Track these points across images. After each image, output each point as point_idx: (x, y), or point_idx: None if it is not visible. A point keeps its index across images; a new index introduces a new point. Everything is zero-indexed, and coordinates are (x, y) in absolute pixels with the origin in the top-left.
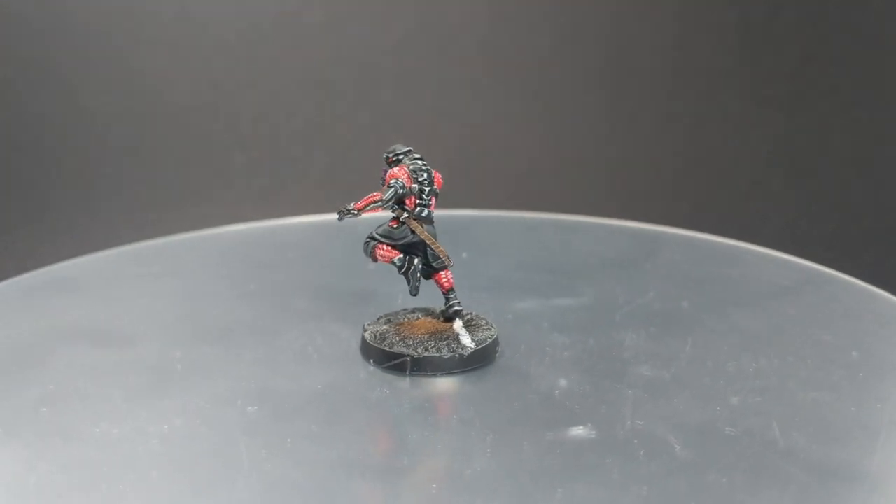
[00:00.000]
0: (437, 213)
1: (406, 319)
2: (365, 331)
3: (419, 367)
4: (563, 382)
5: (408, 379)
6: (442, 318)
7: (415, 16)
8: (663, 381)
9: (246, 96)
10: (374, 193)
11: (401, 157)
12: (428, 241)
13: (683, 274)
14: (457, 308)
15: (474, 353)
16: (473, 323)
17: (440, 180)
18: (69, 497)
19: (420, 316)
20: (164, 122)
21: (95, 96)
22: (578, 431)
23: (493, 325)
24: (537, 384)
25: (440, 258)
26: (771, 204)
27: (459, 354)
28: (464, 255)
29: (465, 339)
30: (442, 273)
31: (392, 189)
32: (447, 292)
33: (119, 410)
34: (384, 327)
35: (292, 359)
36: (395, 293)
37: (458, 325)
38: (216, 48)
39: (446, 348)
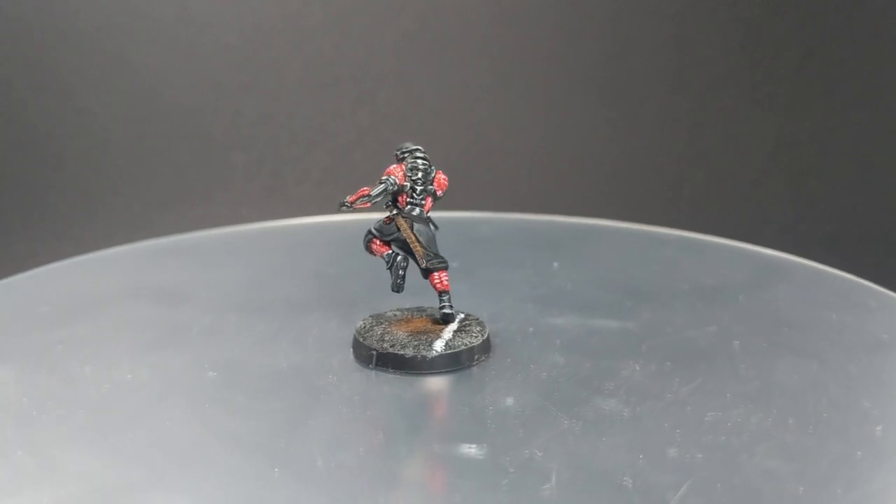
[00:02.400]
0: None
1: (406, 317)
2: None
3: (383, 362)
4: (509, 401)
5: (373, 373)
6: (441, 320)
7: (415, 16)
8: (616, 418)
9: (250, 96)
10: (366, 188)
11: (405, 154)
12: (409, 240)
13: (773, 312)
14: (447, 311)
15: (440, 358)
16: (467, 328)
17: (442, 182)
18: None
19: (422, 315)
20: (166, 121)
21: (96, 96)
22: (469, 450)
23: (484, 334)
24: (482, 398)
25: (429, 258)
26: (771, 204)
27: (422, 356)
28: (555, 264)
29: (437, 343)
30: (435, 274)
31: (382, 185)
32: (440, 294)
33: (111, 357)
34: (378, 321)
35: (290, 337)
36: None
37: (448, 328)
38: (217, 49)
39: (412, 349)
